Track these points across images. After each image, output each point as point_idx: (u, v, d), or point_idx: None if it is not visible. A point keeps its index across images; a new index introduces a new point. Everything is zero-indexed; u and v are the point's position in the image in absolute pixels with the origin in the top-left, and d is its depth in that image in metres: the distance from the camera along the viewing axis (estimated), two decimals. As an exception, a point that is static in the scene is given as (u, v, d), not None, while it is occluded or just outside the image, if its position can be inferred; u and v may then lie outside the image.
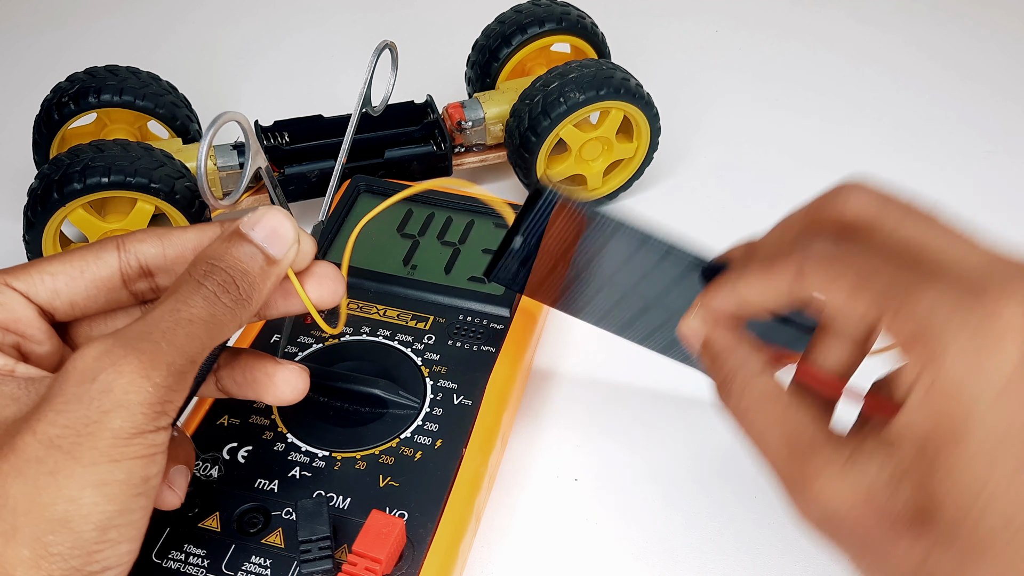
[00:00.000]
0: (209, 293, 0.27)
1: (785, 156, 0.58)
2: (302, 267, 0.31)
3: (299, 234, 0.30)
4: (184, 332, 0.26)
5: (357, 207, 0.47)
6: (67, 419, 0.24)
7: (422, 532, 0.33)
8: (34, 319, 0.29)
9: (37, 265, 0.29)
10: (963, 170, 0.57)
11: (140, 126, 0.51)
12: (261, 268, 0.29)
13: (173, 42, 0.66)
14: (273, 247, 0.29)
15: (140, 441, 0.25)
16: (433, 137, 0.51)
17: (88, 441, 0.24)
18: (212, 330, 0.27)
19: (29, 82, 0.60)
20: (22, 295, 0.29)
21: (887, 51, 0.67)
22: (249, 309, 0.29)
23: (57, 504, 0.24)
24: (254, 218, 0.30)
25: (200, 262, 0.28)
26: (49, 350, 0.29)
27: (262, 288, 0.29)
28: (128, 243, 0.30)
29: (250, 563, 0.32)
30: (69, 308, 0.29)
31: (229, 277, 0.28)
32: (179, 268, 0.30)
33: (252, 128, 0.31)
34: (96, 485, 0.24)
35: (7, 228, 0.49)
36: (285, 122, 0.50)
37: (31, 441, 0.24)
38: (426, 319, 0.41)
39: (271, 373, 0.31)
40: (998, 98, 0.63)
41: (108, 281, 0.30)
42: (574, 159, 0.50)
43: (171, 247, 0.30)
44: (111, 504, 0.24)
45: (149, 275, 0.30)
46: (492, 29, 0.54)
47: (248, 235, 0.29)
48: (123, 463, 0.25)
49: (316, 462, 0.35)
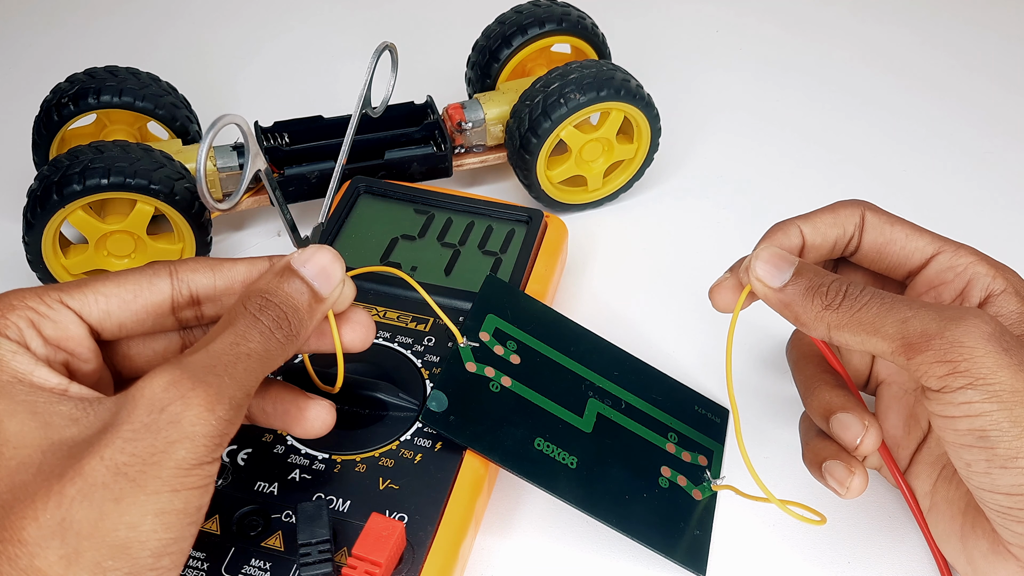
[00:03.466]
0: (265, 328, 0.28)
1: (786, 156, 0.58)
2: (341, 309, 0.32)
3: (344, 276, 0.31)
4: (243, 366, 0.27)
5: (357, 208, 0.47)
6: (135, 447, 0.25)
7: (422, 535, 0.33)
8: (84, 338, 0.29)
9: (92, 285, 0.30)
10: (963, 170, 0.57)
11: (140, 127, 0.51)
12: (309, 305, 0.30)
13: (173, 43, 0.66)
14: (321, 285, 0.30)
15: (199, 472, 0.25)
16: (433, 138, 0.51)
17: (153, 470, 0.25)
18: (265, 364, 0.28)
19: (29, 83, 0.60)
20: (76, 313, 0.29)
21: (889, 51, 0.67)
22: (296, 345, 0.29)
23: (119, 530, 0.24)
24: (305, 255, 0.30)
25: (255, 295, 0.29)
26: (93, 368, 0.30)
27: (309, 325, 0.30)
28: (181, 271, 0.31)
29: (250, 566, 0.32)
30: (117, 329, 0.30)
31: (283, 313, 0.29)
32: (226, 299, 0.31)
33: (252, 130, 0.31)
34: (156, 513, 0.25)
35: (6, 229, 0.49)
36: (285, 123, 0.50)
37: (98, 466, 0.24)
38: (426, 321, 0.41)
39: (303, 407, 0.32)
40: (998, 98, 0.63)
41: (159, 307, 0.30)
42: (574, 160, 0.50)
43: (221, 278, 0.31)
44: (168, 532, 0.25)
45: (197, 304, 0.31)
46: (492, 30, 0.54)
47: (299, 271, 0.30)
48: (182, 493, 0.25)
49: (316, 465, 0.35)
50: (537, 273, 0.44)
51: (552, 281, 0.44)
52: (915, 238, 0.34)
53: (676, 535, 0.36)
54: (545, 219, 0.46)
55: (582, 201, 0.52)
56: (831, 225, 0.34)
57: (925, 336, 0.29)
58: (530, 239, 0.45)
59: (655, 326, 0.46)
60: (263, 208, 0.51)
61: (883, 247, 0.34)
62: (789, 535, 0.38)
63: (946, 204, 0.54)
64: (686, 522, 0.36)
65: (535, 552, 0.37)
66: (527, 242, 0.44)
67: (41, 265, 0.44)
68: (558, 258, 0.45)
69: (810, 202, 0.37)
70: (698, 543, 0.36)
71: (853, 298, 0.31)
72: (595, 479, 0.36)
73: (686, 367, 0.44)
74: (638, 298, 0.48)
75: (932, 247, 0.34)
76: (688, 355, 0.45)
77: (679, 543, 0.36)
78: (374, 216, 0.46)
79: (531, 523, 0.38)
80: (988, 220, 0.53)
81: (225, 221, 0.51)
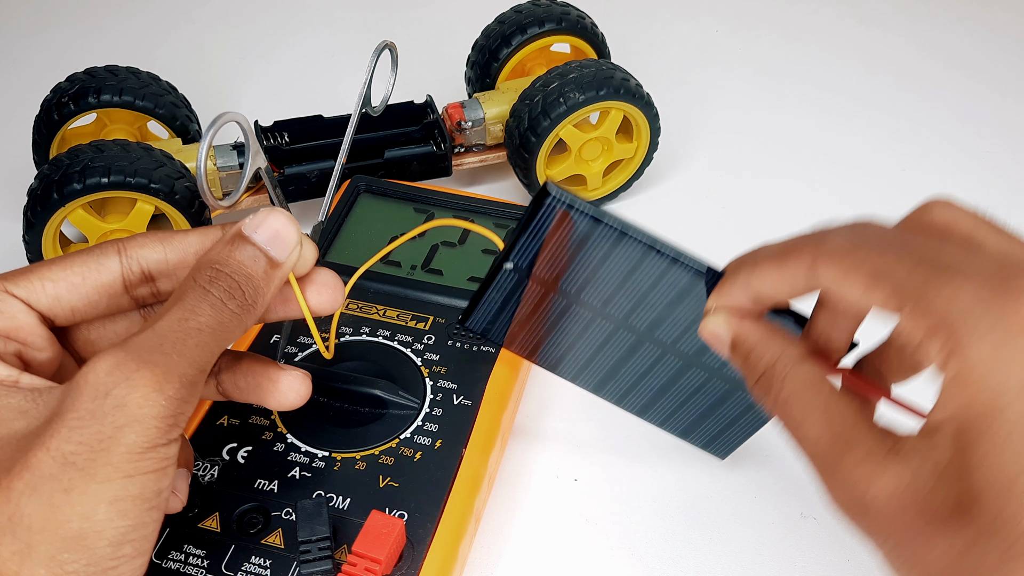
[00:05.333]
0: (216, 300, 0.27)
1: (786, 156, 0.58)
2: (303, 272, 0.31)
3: (301, 238, 0.30)
4: (194, 342, 0.26)
5: (357, 207, 0.47)
6: (81, 435, 0.24)
7: (422, 532, 0.33)
8: (35, 326, 0.28)
9: (37, 271, 0.29)
10: (963, 169, 0.57)
11: (140, 126, 0.51)
12: (264, 272, 0.29)
13: (173, 42, 0.66)
14: (276, 250, 0.29)
15: (153, 455, 0.25)
16: (433, 137, 0.51)
17: (102, 457, 0.24)
18: (219, 337, 0.27)
19: (29, 82, 0.60)
20: (23, 302, 0.28)
21: (888, 51, 0.67)
22: (254, 314, 0.28)
23: (72, 522, 0.24)
24: (256, 220, 0.29)
25: (204, 267, 0.28)
26: (50, 356, 0.29)
27: (266, 293, 0.29)
28: (130, 248, 0.29)
29: (250, 563, 0.32)
30: (70, 314, 0.29)
31: (234, 282, 0.28)
32: (181, 272, 0.30)
33: (252, 128, 0.31)
34: (110, 501, 0.24)
35: (7, 228, 0.49)
36: (285, 122, 0.50)
37: (45, 458, 0.24)
38: (426, 319, 0.41)
39: (275, 378, 0.31)
40: (997, 98, 0.63)
41: (110, 287, 0.29)
42: (574, 159, 0.50)
43: (173, 252, 0.30)
44: (125, 520, 0.24)
45: (151, 280, 0.30)
46: (492, 29, 0.54)
47: (251, 237, 0.29)
48: (136, 478, 0.24)
49: (316, 462, 0.35)
50: (537, 272, 0.44)
51: (552, 280, 0.44)
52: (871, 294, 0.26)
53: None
54: (545, 218, 0.46)
55: (582, 200, 0.52)
56: (777, 282, 0.28)
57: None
58: (530, 238, 0.45)
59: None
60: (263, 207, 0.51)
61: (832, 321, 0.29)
62: (789, 535, 0.38)
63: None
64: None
65: (535, 551, 0.37)
66: (527, 241, 0.44)
67: (41, 264, 0.44)
68: (558, 257, 0.45)
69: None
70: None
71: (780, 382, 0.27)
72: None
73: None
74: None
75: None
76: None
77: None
78: (374, 215, 0.46)
79: (531, 522, 0.38)
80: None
81: (225, 220, 0.51)
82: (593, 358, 0.34)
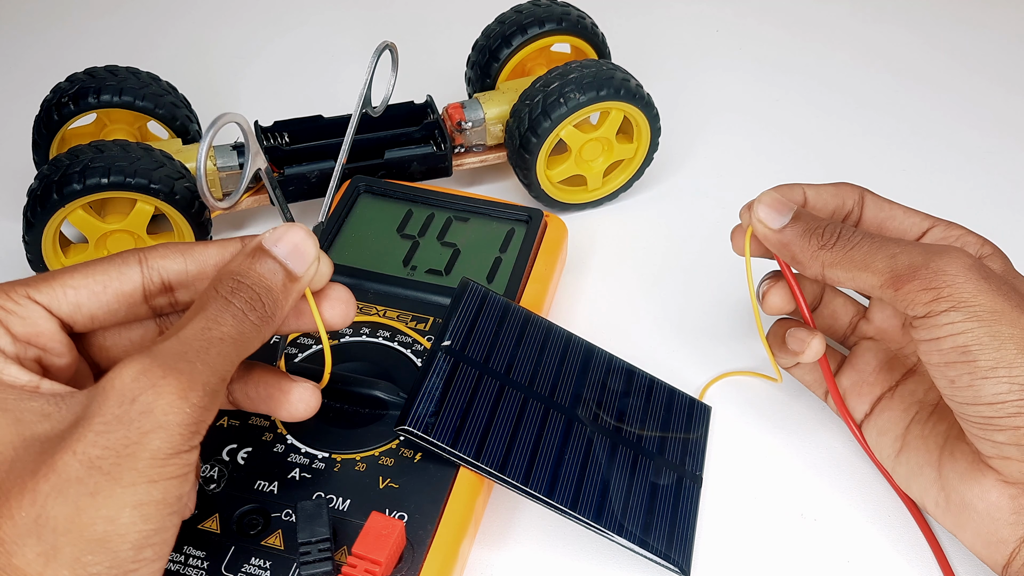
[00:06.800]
0: (237, 311, 0.28)
1: (786, 156, 0.58)
2: (319, 287, 0.31)
3: (319, 253, 0.30)
4: (216, 351, 0.27)
5: (357, 208, 0.47)
6: (108, 440, 0.24)
7: (422, 534, 0.33)
8: (55, 332, 0.29)
9: (59, 278, 0.29)
10: (963, 170, 0.57)
11: (140, 126, 0.51)
12: (283, 284, 0.29)
13: (173, 42, 0.66)
14: (294, 263, 0.30)
15: (176, 461, 0.25)
16: (433, 138, 0.51)
17: (128, 462, 0.24)
18: (240, 347, 0.28)
19: (29, 82, 0.60)
20: (44, 308, 0.29)
21: (889, 51, 0.67)
22: (273, 326, 0.29)
23: (96, 524, 0.24)
24: (276, 234, 0.30)
25: (226, 278, 0.28)
26: (68, 362, 0.29)
27: (284, 305, 0.29)
28: (151, 258, 0.30)
29: (249, 565, 0.32)
30: (89, 321, 0.30)
31: (255, 294, 0.28)
32: (200, 284, 0.31)
33: (252, 129, 0.31)
34: (134, 505, 0.24)
35: (7, 229, 0.49)
36: (285, 122, 0.50)
37: (71, 461, 0.24)
38: (426, 320, 0.41)
39: (286, 390, 0.32)
40: (998, 98, 0.63)
41: (130, 296, 0.30)
42: (574, 160, 0.50)
43: (193, 263, 0.30)
44: (148, 524, 0.25)
45: (170, 290, 0.31)
46: (492, 29, 0.54)
47: (271, 251, 0.29)
48: (160, 483, 0.25)
49: (316, 463, 0.35)
50: (537, 272, 0.44)
51: (551, 280, 0.44)
52: (911, 215, 0.38)
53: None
54: (545, 219, 0.46)
55: (582, 201, 0.52)
56: (832, 195, 0.38)
57: (911, 268, 0.33)
58: (530, 239, 0.45)
59: (654, 325, 0.46)
60: (263, 207, 0.51)
61: (884, 222, 0.38)
62: (789, 535, 0.38)
63: (946, 204, 0.54)
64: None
65: (535, 552, 0.37)
66: (527, 242, 0.44)
67: (41, 264, 0.44)
68: (558, 258, 0.45)
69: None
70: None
71: (846, 239, 0.35)
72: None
73: (685, 366, 0.44)
74: (637, 297, 0.48)
75: (927, 222, 0.38)
76: (688, 354, 0.45)
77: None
78: (374, 215, 0.46)
79: (531, 523, 0.38)
80: (988, 220, 0.53)
81: (225, 220, 0.51)
82: (536, 451, 0.36)
